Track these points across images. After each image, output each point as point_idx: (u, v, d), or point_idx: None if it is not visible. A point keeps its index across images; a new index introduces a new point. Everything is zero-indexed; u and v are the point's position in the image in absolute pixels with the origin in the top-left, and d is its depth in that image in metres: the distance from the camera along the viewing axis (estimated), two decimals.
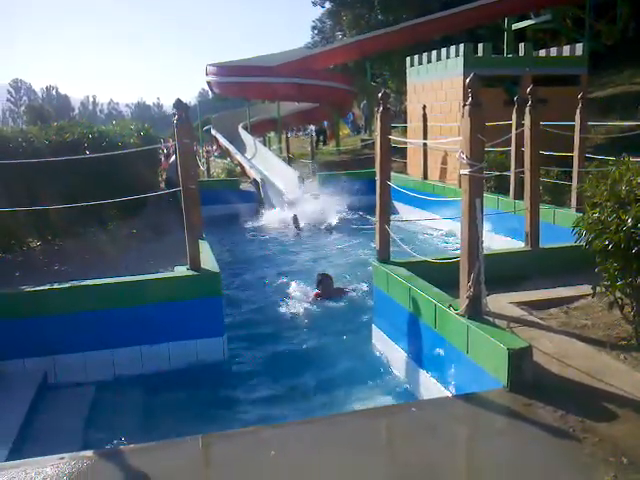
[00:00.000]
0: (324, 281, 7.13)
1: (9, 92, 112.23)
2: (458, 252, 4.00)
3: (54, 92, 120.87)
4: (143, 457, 2.84)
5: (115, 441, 3.85)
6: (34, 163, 6.24)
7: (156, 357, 5.17)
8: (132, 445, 2.96)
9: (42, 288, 5.07)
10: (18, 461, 2.84)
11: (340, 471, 2.68)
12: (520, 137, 9.00)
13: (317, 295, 7.06)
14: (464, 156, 3.72)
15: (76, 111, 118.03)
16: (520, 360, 3.35)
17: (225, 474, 2.72)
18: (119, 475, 2.66)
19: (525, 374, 3.36)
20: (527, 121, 6.03)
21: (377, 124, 5.22)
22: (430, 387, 4.25)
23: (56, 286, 5.10)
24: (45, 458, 2.79)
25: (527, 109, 6.02)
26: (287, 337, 6.05)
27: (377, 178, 5.33)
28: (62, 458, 2.76)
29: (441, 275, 4.62)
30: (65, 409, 4.63)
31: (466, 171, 3.71)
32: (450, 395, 3.88)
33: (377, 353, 5.37)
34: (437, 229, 11.01)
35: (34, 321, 4.96)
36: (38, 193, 6.83)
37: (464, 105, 3.75)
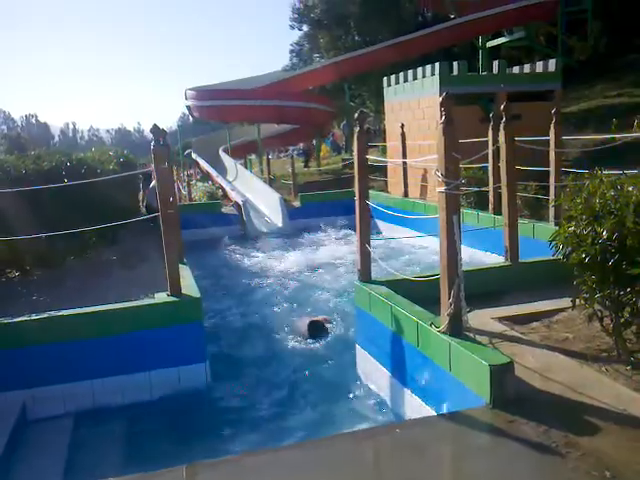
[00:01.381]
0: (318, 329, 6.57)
1: None
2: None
3: (33, 120, 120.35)
4: None
5: (95, 476, 3.76)
6: (11, 192, 6.18)
7: (137, 386, 5.08)
8: (111, 479, 2.89)
9: (19, 319, 4.97)
10: None
11: None
12: (497, 153, 9.15)
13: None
14: (439, 174, 3.75)
15: (56, 139, 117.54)
16: (502, 376, 3.35)
17: None
18: None
19: (508, 390, 3.36)
20: (502, 137, 6.10)
21: (355, 144, 5.25)
22: (414, 406, 4.22)
23: (34, 317, 5.01)
24: None
25: (501, 125, 6.10)
26: (270, 362, 5.99)
27: (356, 198, 5.35)
28: None
29: (423, 292, 4.62)
30: (44, 444, 4.52)
31: (442, 189, 3.74)
32: (434, 414, 3.86)
33: (361, 373, 5.34)
34: (422, 246, 11.05)
35: (11, 353, 4.86)
36: (15, 223, 6.75)
37: (438, 124, 3.79)
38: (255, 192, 16.68)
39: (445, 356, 3.78)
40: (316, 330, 6.56)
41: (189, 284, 5.68)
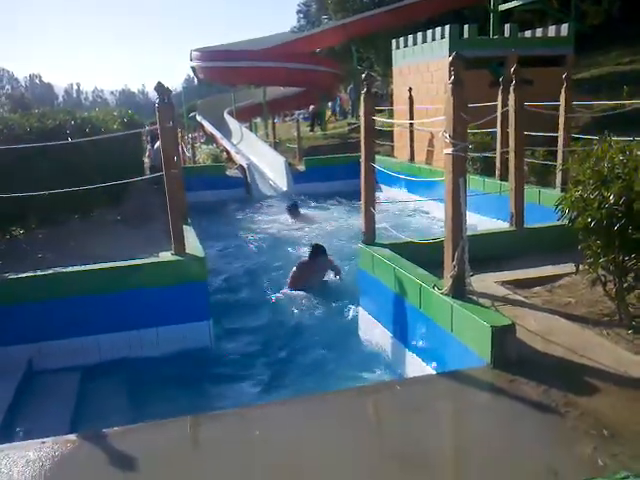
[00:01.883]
0: (318, 253, 6.96)
1: None
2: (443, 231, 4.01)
3: (37, 80, 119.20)
4: (128, 438, 2.83)
5: (102, 425, 3.83)
6: (16, 150, 6.15)
7: (141, 342, 5.15)
8: (117, 427, 2.95)
9: (26, 275, 5.02)
10: (1, 445, 2.82)
11: (325, 448, 2.69)
12: (505, 118, 9.05)
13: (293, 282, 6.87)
14: (447, 135, 3.71)
15: (60, 99, 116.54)
16: (503, 337, 3.37)
17: (213, 453, 2.72)
18: (103, 457, 2.65)
19: (509, 351, 3.38)
20: (511, 101, 6.02)
21: (361, 106, 5.18)
22: (415, 366, 4.26)
23: (39, 273, 5.05)
24: (27, 442, 2.77)
25: (511, 89, 6.01)
26: (273, 320, 6.05)
27: (361, 160, 5.31)
28: (44, 442, 2.74)
29: (426, 256, 4.61)
30: (51, 395, 4.60)
31: (449, 150, 3.70)
32: (434, 373, 3.90)
33: (363, 335, 5.39)
34: (426, 212, 11.01)
35: (18, 308, 4.92)
36: (20, 181, 6.74)
37: (446, 84, 3.72)
38: (260, 155, 16.57)
39: (447, 318, 3.80)
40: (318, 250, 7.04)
41: (193, 244, 5.69)
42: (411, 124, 11.75)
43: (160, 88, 4.99)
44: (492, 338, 3.33)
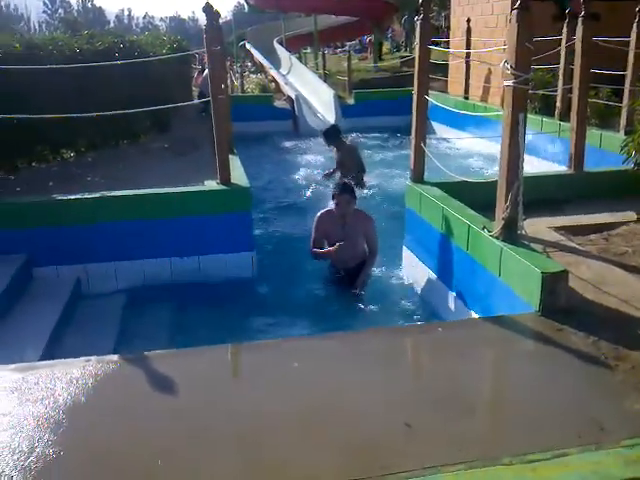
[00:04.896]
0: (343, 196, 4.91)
1: (45, 4, 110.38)
2: (496, 174, 3.81)
3: (89, 4, 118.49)
4: (169, 362, 2.87)
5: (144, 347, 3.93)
6: (65, 70, 6.12)
7: (185, 269, 5.22)
8: (159, 350, 2.99)
9: (75, 197, 5.09)
10: (46, 362, 2.90)
11: (363, 384, 2.66)
12: (569, 54, 8.50)
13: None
14: (509, 66, 3.45)
15: (111, 24, 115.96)
16: (554, 284, 3.22)
17: (250, 382, 2.73)
18: (144, 378, 2.69)
19: (559, 299, 3.24)
20: (578, 34, 5.60)
21: (417, 32, 4.89)
22: (459, 309, 4.18)
23: (88, 196, 5.11)
24: (72, 360, 2.84)
25: (579, 20, 5.58)
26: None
27: (414, 92, 5.06)
28: (88, 360, 2.80)
29: (477, 197, 4.43)
30: (97, 316, 4.75)
31: (510, 82, 3.45)
32: (478, 317, 3.81)
33: (406, 274, 5.31)
34: (479, 152, 10.61)
35: (67, 229, 5.01)
36: (70, 103, 6.75)
37: (511, 10, 3.43)
38: (308, 87, 16.20)
39: (495, 261, 3.66)
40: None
41: (239, 174, 5.64)
42: (467, 55, 11.19)
43: (208, 9, 4.81)
44: (542, 284, 3.19)
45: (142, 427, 2.38)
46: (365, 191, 7.72)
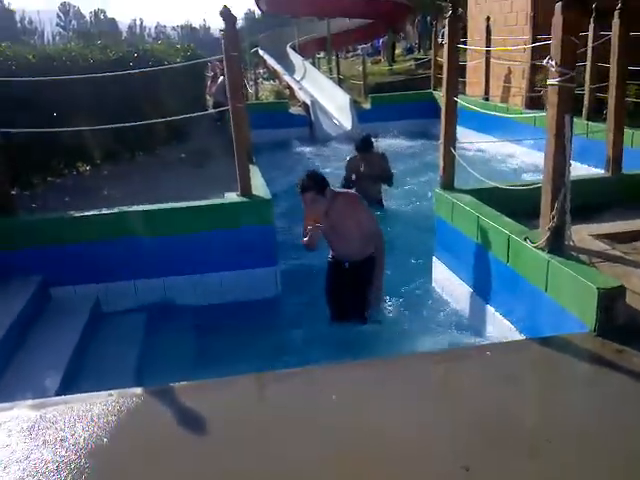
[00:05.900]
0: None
1: (59, 16, 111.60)
2: (528, 179, 3.55)
3: (102, 16, 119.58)
4: (194, 396, 2.65)
5: (167, 372, 3.73)
6: (79, 81, 5.97)
7: (206, 286, 5.00)
8: (183, 382, 2.78)
9: (92, 213, 4.92)
10: (65, 397, 2.70)
11: (409, 419, 2.42)
12: (597, 50, 8.21)
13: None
14: (553, 63, 3.20)
15: (124, 35, 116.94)
16: (611, 301, 2.95)
17: (279, 415, 2.50)
18: (169, 412, 2.49)
19: (617, 317, 2.97)
20: (615, 28, 5.32)
21: (446, 29, 4.66)
22: (499, 327, 3.91)
23: (105, 211, 4.94)
24: (93, 394, 2.63)
25: (616, 13, 5.32)
26: None
27: (443, 94, 4.82)
28: (110, 395, 2.59)
29: (512, 204, 4.19)
30: (117, 336, 4.56)
31: (555, 80, 3.20)
32: (522, 337, 3.54)
33: (438, 288, 5.03)
34: (508, 155, 10.27)
35: (85, 247, 4.83)
36: (85, 114, 6.60)
37: (556, 1, 3.18)
38: (324, 92, 15.98)
39: (541, 275, 3.39)
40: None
41: (259, 185, 5.43)
42: (488, 53, 10.89)
43: (226, 13, 4.61)
44: (598, 301, 2.92)
45: (167, 471, 2.17)
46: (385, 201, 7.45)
